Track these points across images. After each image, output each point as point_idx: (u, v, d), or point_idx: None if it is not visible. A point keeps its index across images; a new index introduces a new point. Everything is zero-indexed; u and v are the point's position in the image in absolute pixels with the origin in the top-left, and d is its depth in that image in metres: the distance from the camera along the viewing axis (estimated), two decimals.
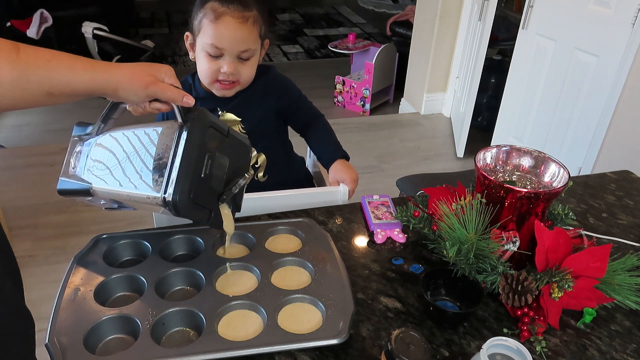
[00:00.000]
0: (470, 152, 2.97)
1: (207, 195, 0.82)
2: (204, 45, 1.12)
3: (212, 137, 0.82)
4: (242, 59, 1.14)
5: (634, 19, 1.90)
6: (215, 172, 0.82)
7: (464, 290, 0.87)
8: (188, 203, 0.77)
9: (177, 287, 0.90)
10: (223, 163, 0.84)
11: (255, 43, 1.14)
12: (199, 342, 0.76)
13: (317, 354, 0.78)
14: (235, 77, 1.15)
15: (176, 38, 5.06)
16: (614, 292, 0.86)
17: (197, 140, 0.79)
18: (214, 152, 0.82)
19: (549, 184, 0.94)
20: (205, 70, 1.15)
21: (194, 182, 0.78)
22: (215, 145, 0.82)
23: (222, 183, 0.85)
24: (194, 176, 0.78)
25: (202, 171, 0.79)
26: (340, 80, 3.61)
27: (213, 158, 0.82)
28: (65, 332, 0.76)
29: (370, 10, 6.23)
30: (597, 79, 2.10)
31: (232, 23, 1.09)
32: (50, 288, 1.95)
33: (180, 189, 0.76)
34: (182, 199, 0.76)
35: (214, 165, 0.82)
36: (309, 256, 0.95)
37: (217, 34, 1.10)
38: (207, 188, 0.81)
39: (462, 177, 1.36)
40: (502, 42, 3.36)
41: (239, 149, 0.90)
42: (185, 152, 0.78)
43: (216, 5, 1.09)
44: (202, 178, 0.79)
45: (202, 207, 0.81)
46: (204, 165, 0.80)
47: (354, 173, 1.23)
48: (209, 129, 0.81)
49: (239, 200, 0.93)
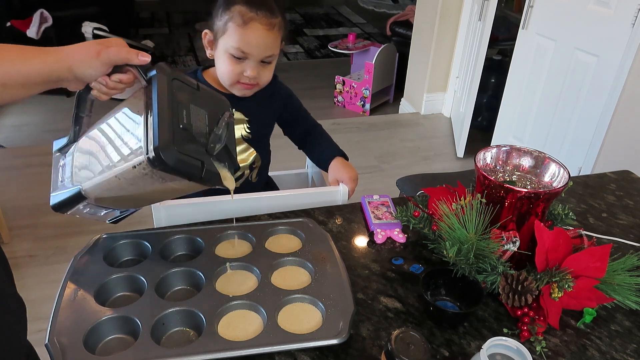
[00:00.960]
0: (470, 152, 2.97)
1: (193, 146, 0.77)
2: (229, 48, 1.12)
3: (181, 89, 0.79)
4: (264, 62, 1.15)
5: (634, 19, 1.90)
6: (195, 123, 0.79)
7: (464, 290, 0.87)
8: (174, 152, 0.72)
9: (177, 287, 0.90)
10: (201, 115, 0.81)
11: (277, 48, 1.17)
12: (199, 342, 0.76)
13: (317, 354, 0.78)
14: (256, 80, 1.17)
15: (176, 38, 5.06)
16: (614, 292, 0.86)
17: (164, 91, 0.76)
18: (187, 104, 0.79)
19: (549, 184, 0.94)
20: (228, 73, 1.15)
21: (174, 131, 0.74)
22: (187, 97, 0.79)
23: (206, 135, 0.80)
24: (172, 125, 0.74)
25: (179, 122, 0.75)
26: (340, 80, 3.61)
27: (188, 109, 0.78)
28: (65, 332, 0.76)
29: (370, 10, 6.24)
30: (597, 79, 2.10)
31: (260, 30, 1.10)
32: (50, 288, 1.95)
33: (161, 139, 0.72)
34: (166, 147, 0.72)
35: (192, 116, 0.78)
36: (309, 256, 0.95)
37: (245, 40, 1.10)
38: (191, 138, 0.77)
39: (462, 177, 1.36)
40: (502, 42, 3.36)
41: (215, 102, 0.86)
42: (157, 106, 0.74)
43: (244, 10, 1.09)
44: (181, 128, 0.75)
45: (190, 157, 0.75)
46: (180, 116, 0.76)
47: (353, 172, 1.23)
48: (174, 80, 0.78)
49: (232, 151, 0.88)
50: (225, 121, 0.81)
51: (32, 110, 3.40)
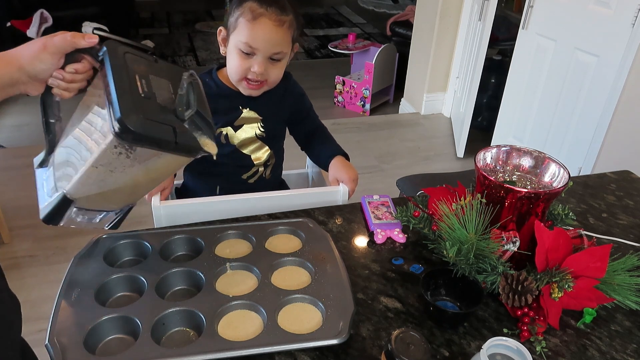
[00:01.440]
0: (470, 152, 2.97)
1: (159, 112, 0.75)
2: (238, 43, 1.13)
3: (136, 62, 0.77)
4: (273, 59, 1.16)
5: (634, 19, 1.90)
6: (157, 92, 0.77)
7: (464, 290, 0.87)
8: (138, 118, 0.70)
9: (177, 287, 0.90)
10: (164, 85, 0.79)
11: (287, 46, 1.17)
12: (199, 342, 0.76)
13: (317, 354, 0.78)
14: (264, 77, 1.17)
15: (176, 38, 5.06)
16: (614, 292, 0.86)
17: (117, 64, 0.74)
18: (145, 74, 0.77)
19: (549, 184, 0.94)
20: (236, 67, 1.16)
21: (134, 99, 0.72)
22: (144, 69, 0.77)
23: (172, 104, 0.78)
24: (131, 94, 0.72)
25: (139, 90, 0.74)
26: (340, 80, 3.61)
27: (147, 79, 0.76)
28: (65, 332, 0.76)
29: (370, 10, 6.23)
30: (597, 79, 2.10)
31: (268, 25, 1.11)
32: (50, 288, 1.95)
33: (122, 108, 0.69)
34: (128, 115, 0.69)
35: (152, 86, 0.76)
36: (309, 256, 0.95)
37: (253, 34, 1.11)
38: (155, 106, 0.75)
39: (462, 177, 1.36)
40: (502, 42, 3.36)
41: (177, 73, 0.82)
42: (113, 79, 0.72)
43: (255, 5, 1.11)
44: (143, 97, 0.73)
45: (158, 122, 0.73)
46: (139, 85, 0.74)
47: (353, 172, 1.23)
48: (127, 54, 0.77)
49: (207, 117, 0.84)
50: (187, 81, 0.78)
51: (32, 110, 3.40)
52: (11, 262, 2.07)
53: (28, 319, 1.05)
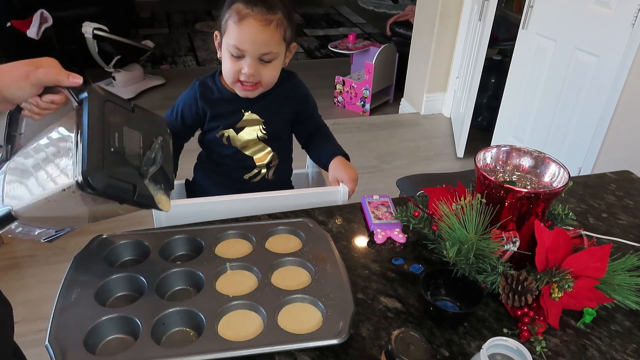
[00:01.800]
0: (470, 152, 2.97)
1: (124, 168, 0.77)
2: (228, 46, 1.13)
3: (114, 112, 0.78)
4: (264, 60, 1.15)
5: (634, 19, 1.90)
6: (127, 146, 0.78)
7: (464, 290, 0.87)
8: (103, 176, 0.72)
9: (177, 287, 0.90)
10: (135, 138, 0.80)
11: (277, 46, 1.15)
12: (199, 342, 0.76)
13: (317, 354, 0.78)
14: (256, 78, 1.16)
15: (176, 38, 5.06)
16: (614, 292, 0.86)
17: (95, 114, 0.75)
18: (120, 126, 0.78)
19: (549, 184, 0.94)
20: (228, 70, 1.16)
21: (103, 153, 0.73)
22: (119, 120, 0.78)
23: (140, 158, 0.80)
24: (101, 148, 0.73)
25: (110, 144, 0.75)
26: (340, 80, 3.61)
27: (121, 132, 0.77)
28: (65, 332, 0.76)
29: (370, 10, 6.23)
30: (597, 79, 2.10)
31: (254, 25, 1.10)
32: (50, 288, 1.95)
33: (89, 161, 0.71)
34: (93, 170, 0.71)
35: (124, 139, 0.78)
36: (309, 256, 0.95)
37: (240, 36, 1.11)
38: (123, 162, 0.77)
39: (462, 177, 1.36)
40: (502, 42, 3.36)
41: (152, 123, 0.85)
42: (87, 129, 0.73)
43: (241, 6, 1.11)
44: (112, 151, 0.75)
45: (121, 180, 0.75)
46: (112, 139, 0.75)
47: (353, 172, 1.23)
48: (106, 102, 0.77)
49: (169, 173, 0.87)
50: (159, 144, 0.82)
51: None
52: (11, 262, 2.07)
53: (28, 319, 1.05)
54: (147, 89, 3.77)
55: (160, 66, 4.31)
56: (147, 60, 4.08)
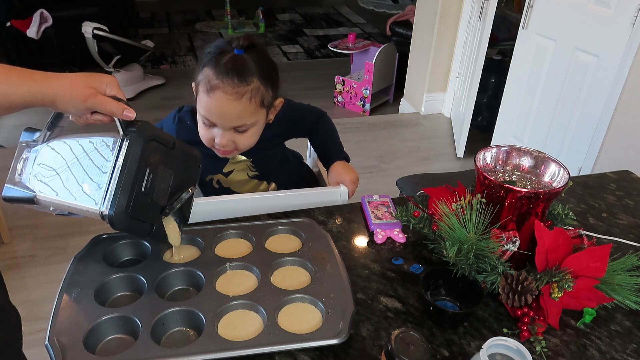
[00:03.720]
0: (470, 152, 2.97)
1: (148, 209, 0.81)
2: (199, 112, 1.06)
3: (155, 151, 0.81)
4: (239, 131, 1.07)
5: (634, 19, 1.90)
6: (157, 185, 0.82)
7: (464, 290, 0.87)
8: (125, 218, 0.77)
9: (177, 287, 0.90)
10: (167, 176, 0.84)
11: (252, 117, 1.05)
12: (199, 342, 0.76)
13: (317, 354, 0.78)
14: (230, 147, 1.09)
15: (176, 38, 5.06)
16: (614, 292, 0.86)
17: (136, 154, 0.78)
18: (156, 165, 0.81)
19: (549, 184, 0.94)
20: (202, 137, 1.10)
21: (133, 196, 0.77)
22: (158, 159, 0.82)
23: (165, 196, 0.84)
24: (132, 190, 0.77)
25: (142, 185, 0.79)
26: (340, 80, 3.61)
27: (155, 172, 0.81)
28: (65, 332, 0.76)
29: (370, 10, 6.23)
30: (597, 79, 2.10)
31: (223, 100, 1.00)
32: (50, 288, 1.95)
33: (118, 204, 0.76)
34: (119, 213, 0.76)
35: (157, 178, 0.81)
36: (309, 256, 0.95)
37: (208, 108, 1.03)
38: (148, 202, 0.81)
39: (462, 177, 1.36)
40: (502, 42, 3.36)
41: (186, 161, 0.89)
42: (124, 166, 0.77)
43: (211, 75, 1.01)
44: (142, 192, 0.79)
45: (141, 221, 0.80)
46: (145, 179, 0.79)
47: (353, 174, 1.23)
48: (151, 142, 0.80)
49: (186, 212, 0.92)
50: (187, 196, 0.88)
51: (32, 111, 3.37)
52: (11, 262, 2.08)
53: (28, 319, 1.05)
54: (147, 88, 3.78)
55: (160, 66, 4.31)
56: (147, 60, 4.08)
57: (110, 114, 0.77)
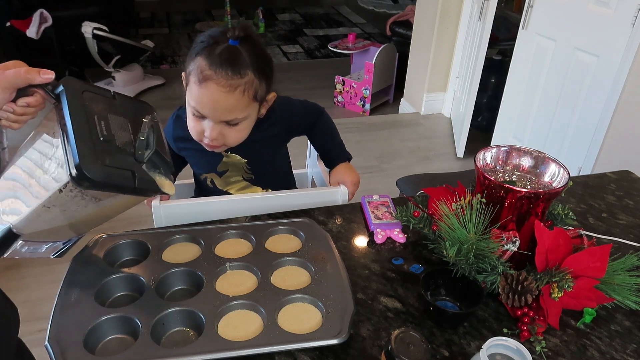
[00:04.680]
0: (470, 152, 2.97)
1: (118, 156, 0.73)
2: (189, 103, 1.03)
3: (94, 100, 0.74)
4: (229, 124, 1.03)
5: (634, 19, 1.90)
6: (116, 133, 0.74)
7: (464, 290, 0.87)
8: (97, 165, 0.69)
9: (177, 287, 0.90)
10: (123, 124, 0.76)
11: (244, 110, 1.02)
12: (199, 342, 0.76)
13: (317, 354, 0.78)
14: (220, 141, 1.05)
15: (176, 38, 5.06)
16: (614, 292, 0.86)
17: (75, 104, 0.71)
18: (104, 114, 0.74)
19: (549, 184, 0.94)
20: (191, 129, 1.06)
21: (94, 144, 0.70)
22: (102, 108, 0.74)
23: (132, 143, 0.76)
24: (91, 139, 0.70)
25: (98, 133, 0.72)
26: (340, 80, 3.61)
27: (106, 120, 0.74)
28: (65, 332, 0.76)
29: (370, 10, 6.23)
30: (597, 79, 2.10)
31: (215, 92, 0.97)
32: (50, 288, 1.95)
33: (81, 155, 0.68)
34: (87, 161, 0.68)
35: (111, 127, 0.74)
36: (309, 256, 0.95)
37: (199, 99, 0.99)
38: (115, 149, 0.73)
39: (462, 177, 1.36)
40: (502, 42, 3.36)
41: (137, 107, 0.82)
42: (70, 121, 0.69)
43: (204, 65, 0.97)
44: (102, 140, 0.71)
45: (117, 168, 0.72)
46: (98, 127, 0.72)
47: (355, 176, 1.22)
48: (84, 92, 0.74)
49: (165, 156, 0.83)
50: (149, 124, 0.77)
51: None
52: (11, 262, 2.07)
53: (28, 319, 1.05)
54: (147, 88, 3.77)
55: (160, 66, 4.31)
56: (147, 60, 4.08)
57: (28, 82, 0.71)
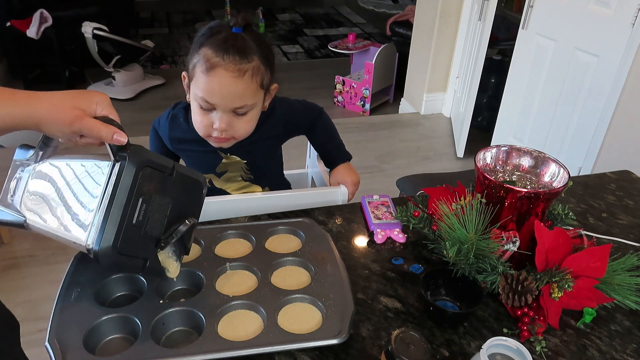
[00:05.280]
0: (470, 152, 2.97)
1: (140, 244, 0.74)
2: (196, 96, 1.01)
3: (149, 178, 0.73)
4: (238, 114, 1.03)
5: (634, 19, 1.90)
6: (152, 216, 0.74)
7: (464, 290, 0.87)
8: (112, 254, 0.69)
9: (177, 287, 0.90)
10: (163, 205, 0.76)
11: (253, 97, 1.02)
12: (199, 342, 0.76)
13: (317, 354, 0.78)
14: (229, 133, 1.04)
15: (176, 38, 5.06)
16: (614, 292, 0.86)
17: (127, 183, 0.70)
18: (150, 194, 0.73)
19: (549, 184, 0.94)
20: (198, 124, 1.05)
21: (122, 230, 0.70)
22: (152, 187, 0.74)
23: (162, 227, 0.76)
24: (122, 223, 0.70)
25: (133, 217, 0.71)
26: (340, 80, 3.61)
27: (149, 202, 0.73)
28: (65, 332, 0.76)
29: (370, 10, 6.23)
30: (597, 79, 2.10)
31: (225, 77, 0.97)
32: (50, 288, 1.95)
33: (104, 238, 0.68)
34: (105, 250, 0.68)
35: (151, 209, 0.74)
36: (309, 256, 0.95)
37: (208, 88, 0.98)
38: (141, 235, 0.73)
39: (462, 177, 1.36)
40: (502, 42, 3.36)
41: (187, 187, 0.81)
42: (113, 197, 0.69)
43: (210, 53, 0.97)
44: (133, 225, 0.71)
45: (132, 257, 0.73)
46: (137, 211, 0.71)
47: (355, 176, 1.22)
48: (145, 168, 0.72)
49: (187, 242, 0.84)
50: (187, 228, 0.78)
51: None
52: (11, 262, 2.07)
53: (28, 319, 1.06)
54: (147, 88, 3.78)
55: (160, 66, 4.31)
56: (147, 60, 4.08)
57: (99, 139, 0.71)
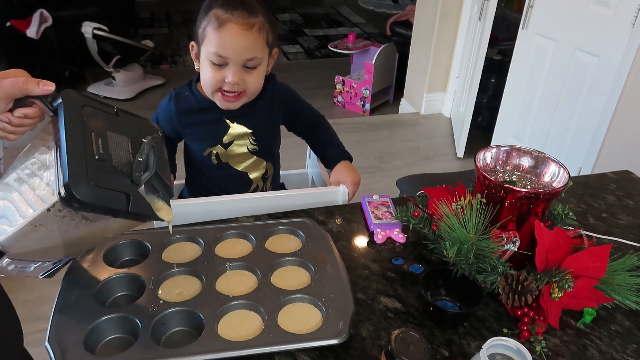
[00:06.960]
0: (470, 152, 2.97)
1: (112, 175, 0.69)
2: (208, 54, 1.08)
3: (94, 116, 0.70)
4: (248, 67, 1.09)
5: (634, 19, 1.90)
6: (114, 152, 0.70)
7: (464, 290, 0.87)
8: (88, 185, 0.64)
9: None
10: (122, 142, 0.72)
11: (261, 51, 1.10)
12: (199, 342, 0.76)
13: (317, 354, 0.78)
14: (241, 87, 1.11)
15: (176, 38, 5.06)
16: (614, 292, 0.86)
17: (72, 119, 0.67)
18: (102, 131, 0.70)
19: (549, 184, 0.94)
20: (209, 80, 1.10)
21: (87, 162, 0.66)
22: (101, 124, 0.71)
23: (129, 163, 0.72)
24: (84, 156, 0.66)
25: (93, 151, 0.67)
26: (340, 80, 3.61)
27: (104, 137, 0.70)
28: (65, 332, 0.76)
29: (370, 10, 6.23)
30: (597, 79, 2.10)
31: (236, 30, 1.05)
32: (50, 288, 1.95)
33: (71, 173, 0.63)
34: (77, 181, 0.63)
35: (109, 145, 0.70)
36: (309, 256, 0.95)
37: (221, 42, 1.06)
38: (110, 169, 0.69)
39: (462, 177, 1.36)
40: (502, 42, 3.36)
41: (139, 127, 0.77)
42: (65, 137, 0.65)
43: (219, 12, 1.06)
44: (97, 159, 0.67)
45: (110, 190, 0.67)
46: (94, 144, 0.68)
47: (356, 176, 1.22)
48: (84, 107, 0.70)
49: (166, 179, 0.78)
50: (149, 145, 0.73)
51: None
52: None
53: (28, 319, 1.05)
54: (147, 88, 3.77)
55: (160, 66, 4.31)
56: (147, 60, 4.08)
57: (26, 93, 0.68)
